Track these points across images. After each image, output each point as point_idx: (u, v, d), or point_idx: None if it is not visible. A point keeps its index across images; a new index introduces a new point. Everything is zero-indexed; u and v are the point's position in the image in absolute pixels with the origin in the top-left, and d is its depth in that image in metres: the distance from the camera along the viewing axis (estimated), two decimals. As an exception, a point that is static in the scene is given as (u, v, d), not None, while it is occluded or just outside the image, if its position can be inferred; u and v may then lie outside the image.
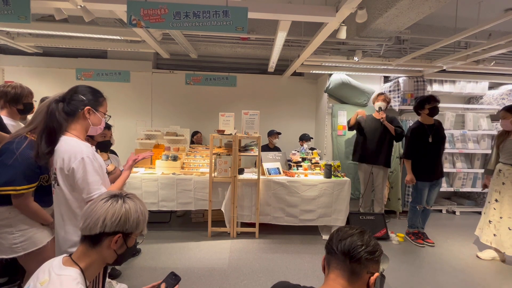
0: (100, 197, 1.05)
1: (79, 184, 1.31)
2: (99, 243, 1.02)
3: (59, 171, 1.33)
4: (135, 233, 1.07)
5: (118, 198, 1.05)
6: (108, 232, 1.00)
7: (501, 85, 4.87)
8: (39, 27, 3.57)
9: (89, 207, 1.03)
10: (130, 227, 1.04)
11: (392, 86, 4.60)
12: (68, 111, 1.38)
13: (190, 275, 2.61)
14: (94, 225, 0.99)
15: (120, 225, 1.01)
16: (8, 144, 1.52)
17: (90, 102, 1.42)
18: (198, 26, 2.45)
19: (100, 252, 1.03)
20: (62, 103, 1.38)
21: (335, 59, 4.06)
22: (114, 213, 1.00)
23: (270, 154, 3.85)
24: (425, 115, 3.30)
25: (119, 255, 1.06)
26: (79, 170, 1.30)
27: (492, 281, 2.69)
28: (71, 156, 1.30)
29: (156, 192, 3.43)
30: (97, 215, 0.99)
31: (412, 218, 3.55)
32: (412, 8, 2.73)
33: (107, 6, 2.57)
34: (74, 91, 1.41)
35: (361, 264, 0.93)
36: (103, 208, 1.00)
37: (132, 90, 5.08)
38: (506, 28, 3.77)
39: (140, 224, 1.07)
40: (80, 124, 1.41)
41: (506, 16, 2.51)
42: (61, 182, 1.33)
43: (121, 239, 1.03)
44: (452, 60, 3.79)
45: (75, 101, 1.39)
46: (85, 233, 1.01)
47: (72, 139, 1.37)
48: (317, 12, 2.63)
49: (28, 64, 4.90)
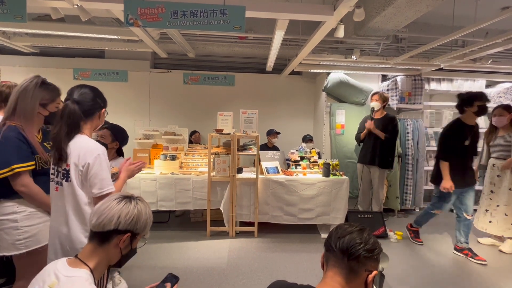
0: (112, 197, 1.09)
1: (92, 179, 1.34)
2: (108, 240, 1.05)
3: (73, 166, 1.35)
4: (141, 234, 1.12)
5: (131, 199, 1.10)
6: (120, 229, 1.04)
7: (498, 83, 4.90)
8: (36, 27, 3.54)
9: (103, 205, 1.06)
10: (139, 228, 1.09)
11: (390, 85, 4.61)
12: (86, 113, 1.44)
13: (189, 275, 2.61)
14: (108, 222, 1.03)
15: (132, 224, 1.06)
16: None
17: (105, 105, 1.52)
18: (195, 25, 2.44)
19: (107, 250, 1.06)
20: (77, 105, 1.40)
21: (333, 58, 4.06)
22: (128, 213, 1.06)
23: (268, 153, 3.85)
24: (471, 113, 2.93)
25: (123, 256, 1.10)
26: (95, 165, 1.34)
27: (493, 281, 2.71)
28: (87, 152, 1.35)
29: (155, 192, 3.42)
30: (112, 213, 1.04)
31: (422, 217, 3.40)
32: (410, 6, 2.73)
33: (104, 5, 2.56)
34: (93, 95, 1.45)
35: (360, 262, 0.92)
36: (118, 207, 1.05)
37: (130, 89, 5.06)
38: (503, 26, 3.78)
39: (147, 226, 1.13)
40: (92, 124, 1.49)
41: (502, 15, 2.52)
42: (73, 178, 1.35)
43: (128, 239, 1.07)
44: (450, 59, 3.80)
45: (93, 103, 1.46)
46: (97, 230, 1.04)
47: (85, 137, 1.43)
48: (315, 10, 2.63)
49: (25, 64, 4.87)
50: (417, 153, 4.48)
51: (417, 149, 4.47)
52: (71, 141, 1.38)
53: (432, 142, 4.70)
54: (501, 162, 3.20)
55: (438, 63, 3.98)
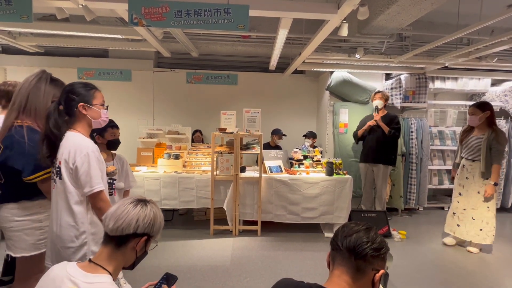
0: (127, 201, 1.08)
1: (82, 178, 1.33)
2: (125, 244, 1.05)
3: (63, 163, 1.35)
4: (155, 237, 1.12)
5: (146, 202, 1.10)
6: (138, 233, 1.05)
7: (504, 81, 4.85)
8: (41, 27, 3.57)
9: (118, 209, 1.05)
10: (155, 231, 1.10)
11: (394, 84, 4.58)
12: (67, 112, 1.42)
13: (193, 273, 2.63)
14: (127, 226, 1.03)
15: (149, 227, 1.07)
16: (10, 137, 1.52)
17: (83, 98, 1.42)
18: (199, 24, 2.45)
19: (124, 254, 1.06)
20: (61, 105, 1.41)
21: (337, 57, 4.05)
22: (145, 216, 1.06)
23: (271, 152, 3.85)
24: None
25: (137, 258, 1.10)
26: (84, 164, 1.33)
27: (495, 280, 2.69)
28: (77, 150, 1.33)
29: (158, 190, 3.44)
30: (130, 217, 1.03)
31: None
32: (414, 4, 2.71)
33: (109, 4, 2.57)
34: (66, 91, 1.42)
35: (367, 261, 0.91)
36: (135, 211, 1.05)
37: (133, 89, 5.08)
38: (509, 24, 3.74)
39: (160, 229, 1.13)
40: (81, 121, 1.44)
41: (509, 12, 2.49)
42: (64, 175, 1.35)
43: (144, 242, 1.07)
44: (454, 57, 3.77)
45: (69, 101, 1.41)
46: (115, 234, 1.03)
47: (77, 134, 1.40)
48: (319, 9, 2.62)
49: (30, 63, 4.91)
50: (421, 152, 4.45)
51: (421, 148, 4.45)
52: (57, 148, 1.38)
53: (436, 141, 4.67)
54: (470, 163, 3.16)
55: (443, 61, 3.94)
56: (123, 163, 2.36)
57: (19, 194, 1.56)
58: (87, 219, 1.39)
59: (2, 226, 1.58)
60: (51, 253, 1.42)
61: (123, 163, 2.35)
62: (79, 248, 1.37)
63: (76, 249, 1.36)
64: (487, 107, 3.08)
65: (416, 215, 4.53)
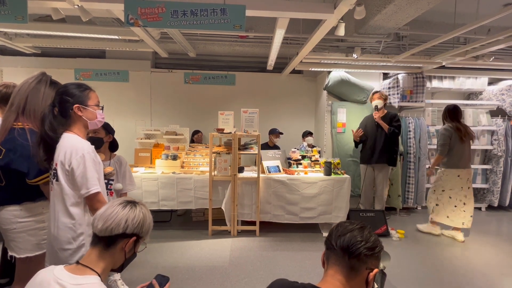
0: (115, 202, 1.09)
1: (78, 180, 1.32)
2: (114, 244, 1.05)
3: (60, 165, 1.34)
4: (144, 238, 1.13)
5: (135, 204, 1.11)
6: (127, 233, 1.06)
7: (501, 80, 4.86)
8: (37, 28, 3.55)
9: (107, 210, 1.06)
10: (144, 232, 1.11)
11: (392, 83, 4.59)
12: (62, 114, 1.41)
13: (191, 274, 2.62)
14: (116, 226, 1.03)
15: (138, 228, 1.08)
16: (13, 140, 1.51)
17: (78, 99, 1.40)
18: (196, 25, 2.44)
19: (113, 255, 1.06)
20: (56, 108, 1.40)
21: (334, 57, 4.05)
22: (134, 217, 1.07)
23: (269, 152, 3.85)
24: None
25: (126, 259, 1.11)
26: (80, 166, 1.32)
27: (494, 279, 2.70)
28: (73, 152, 1.33)
29: (156, 191, 3.43)
30: (119, 217, 1.04)
31: None
32: (411, 4, 2.71)
33: (104, 5, 2.56)
34: (60, 93, 1.41)
35: (360, 260, 0.91)
36: (124, 211, 1.06)
37: (131, 89, 5.07)
38: (505, 23, 3.75)
39: (149, 230, 1.14)
40: (77, 122, 1.42)
41: (505, 11, 2.50)
42: (60, 177, 1.34)
43: (133, 243, 1.08)
44: (451, 56, 3.78)
45: (64, 103, 1.40)
46: (104, 234, 1.03)
47: (73, 136, 1.39)
48: (315, 9, 2.62)
49: (27, 65, 4.89)
50: (419, 151, 4.46)
51: (419, 147, 4.46)
52: (54, 151, 1.37)
53: (434, 140, 4.68)
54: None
55: (440, 60, 3.95)
56: (121, 164, 2.34)
57: (22, 196, 1.56)
58: (85, 221, 1.38)
59: (3, 228, 1.58)
60: (49, 255, 1.42)
61: (121, 164, 2.33)
62: (76, 250, 1.36)
63: (74, 251, 1.35)
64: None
65: (414, 214, 4.54)
